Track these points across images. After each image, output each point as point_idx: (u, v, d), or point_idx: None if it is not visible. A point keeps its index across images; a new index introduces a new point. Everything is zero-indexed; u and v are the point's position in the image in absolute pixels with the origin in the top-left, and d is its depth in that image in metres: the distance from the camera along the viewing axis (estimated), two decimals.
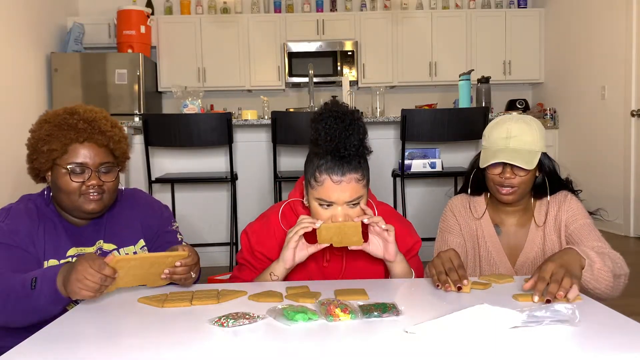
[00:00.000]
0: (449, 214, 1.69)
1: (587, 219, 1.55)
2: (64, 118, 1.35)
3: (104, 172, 1.36)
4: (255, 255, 1.44)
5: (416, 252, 1.50)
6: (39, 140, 1.33)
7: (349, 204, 1.32)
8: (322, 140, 1.29)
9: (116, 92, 5.26)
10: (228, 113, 3.21)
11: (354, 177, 1.30)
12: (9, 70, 4.56)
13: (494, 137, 1.52)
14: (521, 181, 1.51)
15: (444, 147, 3.56)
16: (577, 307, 0.97)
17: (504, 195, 1.53)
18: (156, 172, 3.45)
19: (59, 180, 1.33)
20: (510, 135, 1.49)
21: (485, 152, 1.56)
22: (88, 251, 1.39)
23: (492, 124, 1.56)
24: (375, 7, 6.16)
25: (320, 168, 1.30)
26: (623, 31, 4.57)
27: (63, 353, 0.88)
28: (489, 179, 1.56)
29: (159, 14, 6.01)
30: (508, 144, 1.49)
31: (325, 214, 1.33)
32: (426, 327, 0.93)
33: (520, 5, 6.20)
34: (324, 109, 1.32)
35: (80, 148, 1.33)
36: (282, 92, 6.20)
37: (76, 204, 1.34)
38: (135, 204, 1.50)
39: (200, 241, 3.56)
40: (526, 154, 1.48)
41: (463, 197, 1.70)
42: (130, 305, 1.14)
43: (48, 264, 1.33)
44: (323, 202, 1.32)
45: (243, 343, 0.92)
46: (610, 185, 4.75)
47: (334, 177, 1.29)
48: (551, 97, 5.94)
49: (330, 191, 1.30)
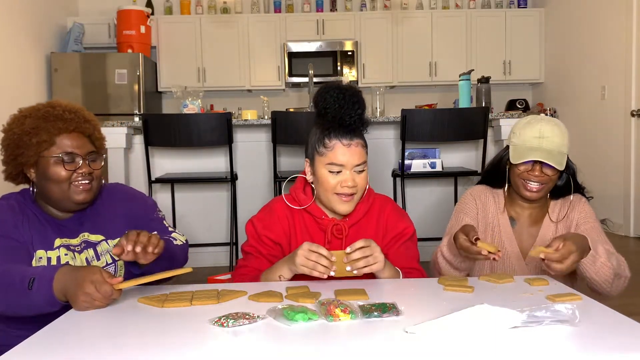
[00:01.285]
0: (469, 197, 1.72)
1: (597, 222, 1.62)
2: (46, 111, 1.36)
3: (92, 161, 1.39)
4: (262, 241, 1.48)
5: (407, 237, 1.51)
6: (24, 135, 1.34)
7: (356, 169, 1.40)
8: (330, 108, 1.38)
9: (116, 92, 5.26)
10: (228, 113, 3.21)
11: (360, 143, 1.41)
12: (9, 70, 4.56)
13: (527, 135, 1.56)
14: (549, 179, 1.56)
15: (444, 147, 3.56)
16: (577, 307, 0.97)
17: (530, 192, 1.57)
18: (156, 172, 3.45)
19: (48, 170, 1.34)
20: (543, 135, 1.54)
21: (516, 148, 1.59)
22: (73, 242, 1.40)
23: (524, 123, 1.60)
24: (375, 7, 6.16)
25: (330, 134, 1.39)
26: (623, 31, 4.57)
27: (63, 353, 0.88)
28: (516, 174, 1.59)
29: (159, 14, 6.01)
30: (541, 144, 1.54)
31: (334, 180, 1.40)
32: (426, 327, 0.93)
33: (520, 5, 6.21)
34: (326, 86, 1.42)
35: (67, 138, 1.36)
36: (282, 92, 6.20)
37: (66, 194, 1.35)
38: (118, 197, 1.52)
39: (200, 241, 3.56)
40: (557, 154, 1.53)
41: (485, 187, 1.74)
42: (130, 305, 1.14)
43: (37, 254, 1.34)
44: (334, 166, 1.39)
45: (243, 343, 0.92)
46: (610, 185, 4.75)
47: (343, 140, 1.38)
48: (551, 97, 5.94)
49: (340, 154, 1.38)
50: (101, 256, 1.42)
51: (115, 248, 1.20)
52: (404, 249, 1.50)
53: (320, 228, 1.47)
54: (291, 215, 1.49)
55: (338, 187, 1.40)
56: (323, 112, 1.40)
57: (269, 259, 1.47)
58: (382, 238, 1.50)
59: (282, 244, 1.48)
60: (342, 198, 1.41)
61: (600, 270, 1.36)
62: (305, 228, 1.48)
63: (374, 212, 1.51)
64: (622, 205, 4.56)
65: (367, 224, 1.49)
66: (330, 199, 1.42)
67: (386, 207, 1.53)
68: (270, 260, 1.46)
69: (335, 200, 1.42)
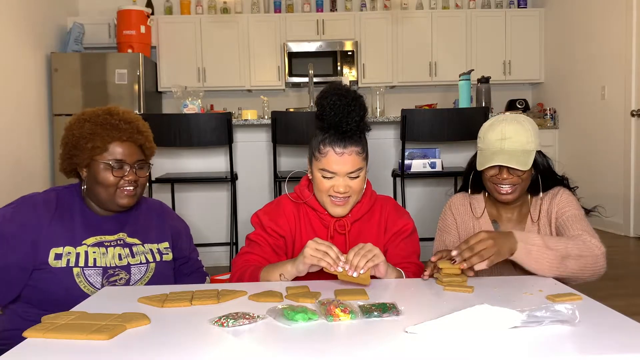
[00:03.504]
0: (448, 212, 1.73)
1: (576, 210, 1.57)
2: (104, 118, 1.46)
3: (139, 168, 1.48)
4: (267, 231, 1.50)
5: (407, 234, 1.53)
6: (81, 138, 1.44)
7: (350, 175, 1.41)
8: (327, 115, 1.39)
9: (116, 92, 5.26)
10: (228, 113, 3.21)
11: (355, 150, 1.40)
12: (9, 70, 4.56)
13: (489, 139, 1.55)
14: (519, 180, 1.54)
15: (444, 147, 3.56)
16: (577, 307, 0.97)
17: (503, 195, 1.56)
18: (156, 172, 3.45)
19: (98, 174, 1.44)
20: (505, 136, 1.52)
21: (481, 154, 1.58)
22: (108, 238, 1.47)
23: (487, 126, 1.59)
24: (375, 7, 6.16)
25: (325, 141, 1.40)
26: (623, 31, 4.57)
27: (63, 353, 0.88)
28: (487, 179, 1.58)
29: (159, 14, 6.01)
30: (503, 146, 1.51)
31: (327, 183, 1.42)
32: (426, 327, 0.94)
33: (520, 5, 6.21)
34: (328, 88, 1.41)
35: (119, 146, 1.45)
36: (282, 92, 6.20)
37: (112, 197, 1.45)
38: (165, 213, 1.64)
39: (200, 241, 3.56)
40: (521, 154, 1.51)
41: (463, 195, 1.73)
42: (130, 305, 1.14)
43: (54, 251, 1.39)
44: (326, 172, 1.41)
45: (243, 343, 0.92)
46: (610, 185, 4.75)
47: (336, 149, 1.39)
48: (551, 97, 5.94)
49: (332, 162, 1.39)
50: (136, 255, 1.49)
51: None
52: (404, 244, 1.52)
53: (324, 224, 1.49)
54: (296, 211, 1.52)
55: (331, 190, 1.42)
56: (320, 117, 1.41)
57: (274, 249, 1.49)
58: (383, 236, 1.52)
59: (287, 238, 1.50)
60: (335, 202, 1.43)
61: (541, 257, 1.33)
62: (309, 224, 1.51)
63: (375, 211, 1.53)
64: (622, 205, 4.56)
65: (369, 221, 1.52)
66: (324, 200, 1.45)
67: (387, 206, 1.55)
68: (275, 251, 1.48)
69: (328, 202, 1.45)
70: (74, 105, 5.19)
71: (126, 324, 0.98)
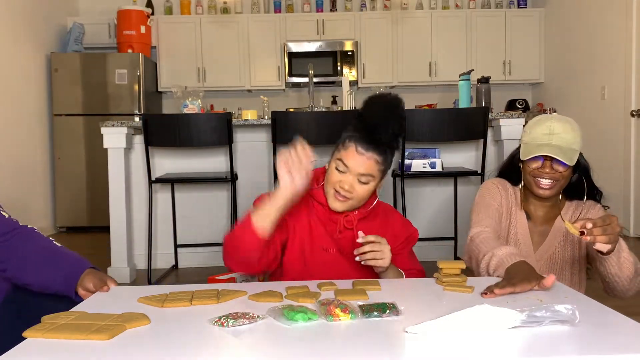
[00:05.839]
0: (492, 185, 1.70)
1: None
2: None
3: None
4: None
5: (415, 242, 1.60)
6: None
7: (360, 178, 1.43)
8: (367, 116, 1.43)
9: (116, 92, 5.26)
10: (228, 113, 3.21)
11: (375, 158, 1.43)
12: (9, 70, 4.56)
13: (536, 132, 1.56)
14: (560, 176, 1.55)
15: (444, 147, 3.56)
16: (577, 307, 0.97)
17: (542, 188, 1.57)
18: (156, 172, 3.45)
19: None
20: (553, 132, 1.53)
21: (526, 146, 1.59)
22: None
23: (534, 121, 1.60)
24: (375, 7, 6.16)
25: (353, 137, 1.43)
26: (623, 31, 4.57)
27: (62, 353, 0.88)
28: (527, 172, 1.59)
29: (159, 14, 6.01)
30: (550, 140, 1.53)
31: (337, 177, 1.44)
32: (426, 327, 0.93)
33: (520, 5, 6.20)
34: (377, 95, 1.47)
35: None
36: (282, 92, 6.20)
37: None
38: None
39: (200, 241, 3.57)
40: (567, 151, 1.52)
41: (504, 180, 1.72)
42: (130, 305, 1.14)
43: None
44: (341, 164, 1.43)
45: (243, 343, 0.92)
46: (610, 186, 4.72)
47: (359, 148, 1.42)
48: (551, 97, 5.94)
49: (350, 157, 1.42)
50: None
51: None
52: (410, 253, 1.58)
53: (332, 219, 1.50)
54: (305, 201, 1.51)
55: (337, 184, 1.44)
56: (360, 117, 1.45)
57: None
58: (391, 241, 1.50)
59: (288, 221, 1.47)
60: (336, 196, 1.45)
61: (624, 264, 1.35)
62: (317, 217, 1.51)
63: (378, 212, 1.56)
64: (622, 205, 4.56)
65: (374, 221, 1.54)
66: (328, 191, 1.48)
67: (393, 213, 1.62)
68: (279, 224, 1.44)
69: (331, 194, 1.47)
70: (74, 105, 5.19)
71: (126, 324, 0.98)
